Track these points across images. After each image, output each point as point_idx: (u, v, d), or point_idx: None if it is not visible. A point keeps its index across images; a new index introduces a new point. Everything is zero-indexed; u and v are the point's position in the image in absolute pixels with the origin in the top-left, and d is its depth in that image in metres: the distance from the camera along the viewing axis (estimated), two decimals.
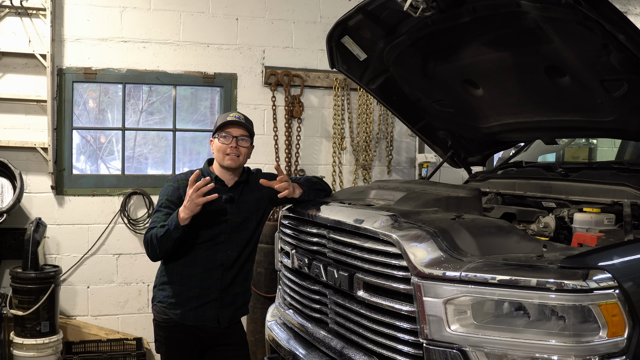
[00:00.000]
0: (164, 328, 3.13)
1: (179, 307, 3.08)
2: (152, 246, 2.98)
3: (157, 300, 3.15)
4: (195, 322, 3.09)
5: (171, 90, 5.55)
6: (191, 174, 3.01)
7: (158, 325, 3.16)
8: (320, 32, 5.68)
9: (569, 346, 1.95)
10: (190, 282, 3.07)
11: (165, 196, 3.09)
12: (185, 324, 3.09)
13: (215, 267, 3.09)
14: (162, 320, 3.12)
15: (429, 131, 4.03)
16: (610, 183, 2.97)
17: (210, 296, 3.09)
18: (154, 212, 3.12)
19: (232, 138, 3.10)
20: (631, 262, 2.11)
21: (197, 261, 3.07)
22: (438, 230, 2.30)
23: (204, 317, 3.09)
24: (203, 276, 3.08)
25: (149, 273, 5.38)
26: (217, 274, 3.10)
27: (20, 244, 4.79)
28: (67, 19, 5.18)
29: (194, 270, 3.07)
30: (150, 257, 3.06)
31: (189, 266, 3.07)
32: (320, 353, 2.83)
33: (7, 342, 4.79)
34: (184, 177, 3.12)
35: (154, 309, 3.17)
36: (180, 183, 3.10)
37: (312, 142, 5.87)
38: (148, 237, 3.00)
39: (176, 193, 3.07)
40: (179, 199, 3.03)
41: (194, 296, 3.07)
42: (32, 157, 5.12)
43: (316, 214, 2.97)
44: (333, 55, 3.54)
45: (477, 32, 3.00)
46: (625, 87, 2.74)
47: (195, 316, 3.08)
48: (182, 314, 3.07)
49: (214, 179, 3.09)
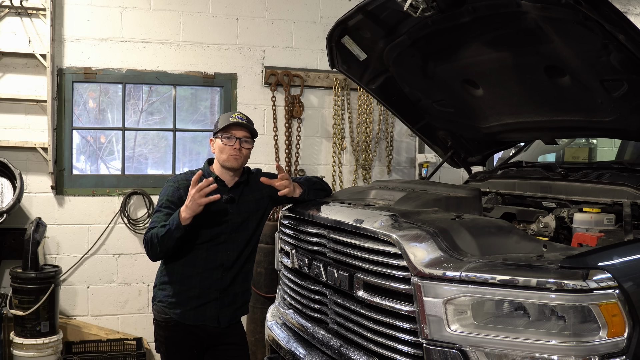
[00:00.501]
0: (164, 327, 3.13)
1: (179, 306, 3.08)
2: (153, 246, 2.98)
3: (157, 299, 3.15)
4: (195, 321, 3.09)
5: (171, 90, 5.55)
6: (191, 174, 3.02)
7: (158, 325, 3.16)
8: (320, 32, 5.68)
9: (569, 346, 1.95)
10: (191, 282, 3.08)
11: (165, 196, 3.09)
12: (185, 324, 3.09)
13: (216, 267, 3.09)
14: (162, 319, 3.13)
15: (429, 131, 4.03)
16: (610, 183, 2.97)
17: (210, 296, 3.09)
18: (154, 212, 3.11)
19: (236, 140, 3.09)
20: (631, 262, 2.11)
21: (197, 261, 3.07)
22: (438, 230, 2.30)
23: (204, 316, 3.10)
24: (203, 276, 3.08)
25: (149, 273, 5.39)
26: (217, 274, 3.10)
27: (20, 244, 4.79)
28: (67, 19, 5.18)
29: (194, 270, 3.07)
30: (150, 257, 3.06)
31: (189, 266, 3.08)
32: (320, 353, 2.83)
33: (7, 342, 4.79)
34: (184, 178, 3.12)
35: (154, 308, 3.18)
36: (180, 183, 3.09)
37: (312, 142, 5.87)
38: (148, 236, 2.99)
39: (177, 193, 3.07)
40: (180, 200, 3.03)
41: (194, 296, 3.08)
42: (32, 157, 5.12)
43: (316, 214, 2.97)
44: (333, 55, 3.54)
45: (477, 32, 3.00)
46: (625, 87, 2.74)
47: (195, 316, 3.08)
48: (182, 313, 3.08)
49: (215, 178, 3.09)
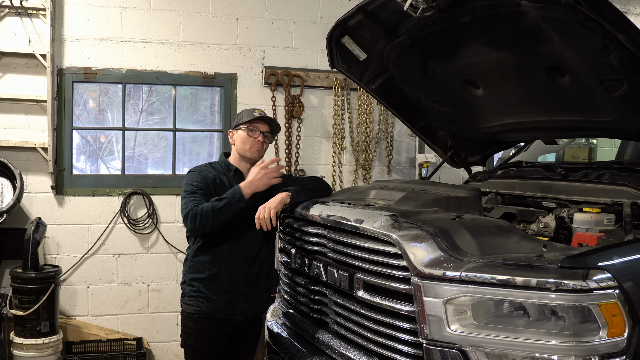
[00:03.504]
0: (195, 319, 3.27)
1: (212, 301, 3.25)
2: (204, 218, 3.05)
3: (188, 295, 3.30)
4: (226, 315, 3.27)
5: (171, 90, 5.55)
6: (210, 167, 3.32)
7: (188, 317, 3.30)
8: (320, 32, 5.68)
9: (569, 346, 1.95)
10: (220, 278, 3.24)
11: (194, 181, 3.22)
12: (216, 317, 3.25)
13: (240, 263, 3.25)
14: (194, 312, 3.27)
15: (429, 131, 4.03)
16: (610, 183, 2.96)
17: (238, 291, 3.27)
18: (185, 195, 3.18)
19: (260, 133, 3.30)
20: (631, 262, 2.11)
21: (222, 257, 3.23)
22: (438, 230, 2.30)
23: (234, 310, 3.28)
24: (231, 272, 3.25)
25: (149, 273, 5.39)
26: (243, 270, 3.27)
27: (20, 244, 4.79)
28: (67, 19, 5.18)
29: (222, 267, 3.24)
30: (194, 230, 3.12)
31: (216, 263, 3.24)
32: (320, 353, 2.83)
33: (7, 342, 4.79)
34: (205, 169, 3.32)
35: (184, 302, 3.33)
36: (205, 173, 3.27)
37: (312, 142, 5.87)
38: (198, 210, 3.05)
39: (204, 180, 3.22)
40: (208, 185, 3.19)
41: (224, 291, 3.25)
42: (32, 157, 5.12)
43: (316, 214, 2.97)
44: (333, 55, 3.54)
45: (477, 32, 3.00)
46: (625, 87, 2.74)
47: (226, 310, 3.26)
48: (215, 307, 3.25)
49: (234, 170, 3.22)
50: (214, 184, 3.24)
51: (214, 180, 3.27)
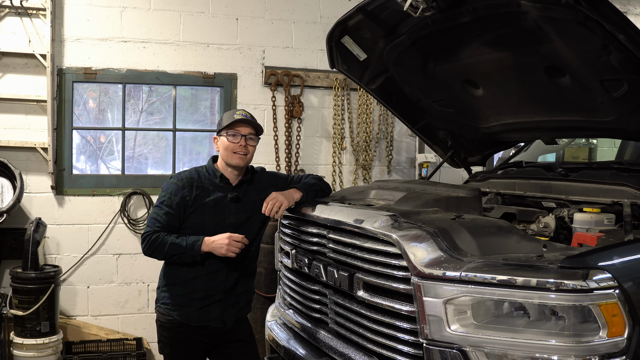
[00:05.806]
0: (169, 329, 3.12)
1: (183, 308, 3.08)
2: (157, 250, 2.99)
3: (161, 302, 3.14)
4: (200, 322, 3.09)
5: (171, 90, 5.55)
6: (195, 172, 3.11)
7: (162, 326, 3.15)
8: (320, 32, 5.68)
9: (569, 346, 1.95)
10: (195, 284, 3.07)
11: (168, 193, 3.07)
12: (189, 325, 3.09)
13: (220, 268, 3.08)
14: (166, 321, 3.12)
15: (429, 131, 4.03)
16: (610, 183, 2.96)
17: (214, 297, 3.10)
18: (154, 206, 3.11)
19: (241, 137, 3.09)
20: (631, 262, 2.11)
21: (198, 263, 3.05)
22: (438, 230, 2.30)
23: (208, 317, 3.10)
24: (207, 278, 3.08)
25: (149, 273, 5.39)
26: (222, 276, 3.10)
27: (20, 244, 4.79)
28: (67, 19, 5.18)
29: (198, 273, 3.07)
30: (145, 254, 3.05)
31: (193, 268, 3.06)
32: (320, 353, 2.83)
33: (7, 342, 4.79)
34: (188, 176, 3.12)
35: (157, 310, 3.17)
36: (184, 182, 3.09)
37: (312, 142, 5.87)
38: (153, 238, 2.98)
39: (180, 192, 3.06)
40: (183, 199, 3.04)
41: (198, 298, 3.08)
42: (32, 157, 5.12)
43: (316, 214, 2.97)
44: (333, 55, 3.54)
45: (477, 32, 3.00)
46: (625, 87, 2.74)
47: (199, 317, 3.09)
48: (187, 315, 3.08)
49: (219, 177, 3.10)
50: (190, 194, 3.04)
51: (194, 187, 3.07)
